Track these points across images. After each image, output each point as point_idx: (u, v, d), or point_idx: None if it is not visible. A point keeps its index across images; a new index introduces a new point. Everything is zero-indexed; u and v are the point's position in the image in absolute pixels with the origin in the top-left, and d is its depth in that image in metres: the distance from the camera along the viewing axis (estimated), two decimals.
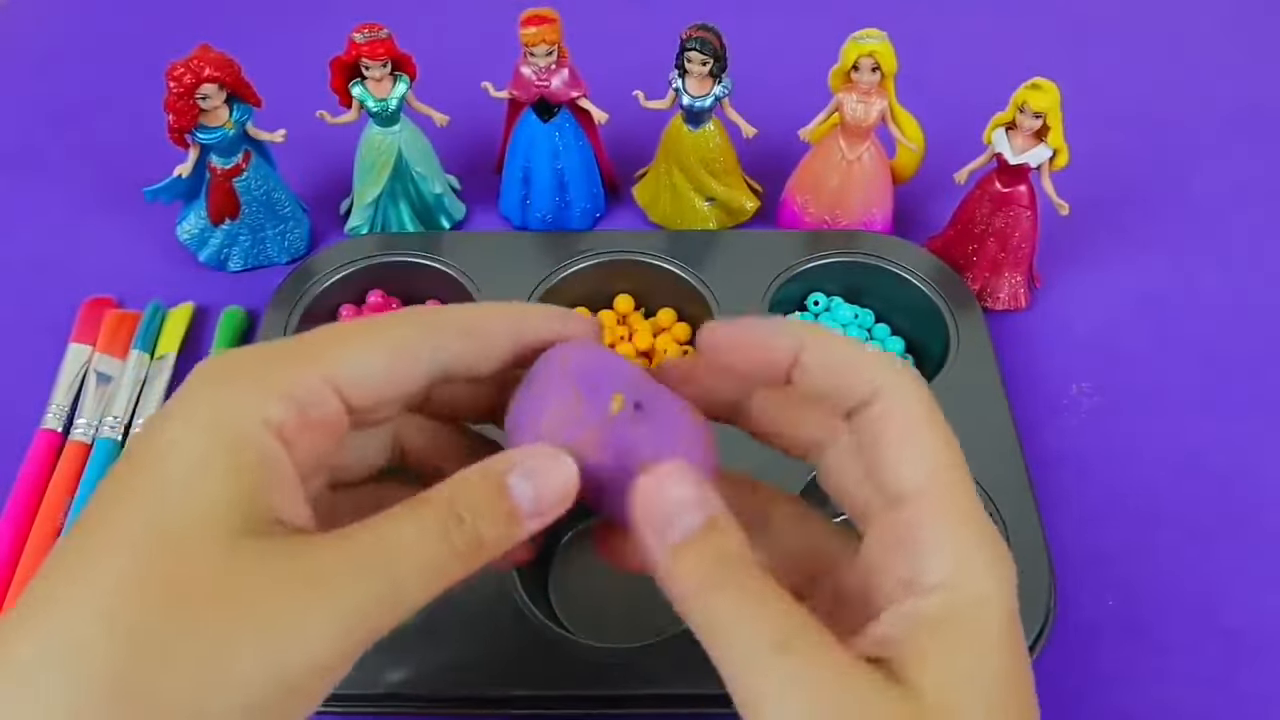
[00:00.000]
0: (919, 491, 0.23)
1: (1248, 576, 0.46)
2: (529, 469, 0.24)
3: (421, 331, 0.25)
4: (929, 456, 0.24)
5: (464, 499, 0.23)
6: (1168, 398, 0.53)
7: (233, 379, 0.23)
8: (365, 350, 0.24)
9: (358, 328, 0.25)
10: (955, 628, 0.22)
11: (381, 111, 0.54)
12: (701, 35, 0.52)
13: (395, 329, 0.25)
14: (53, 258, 0.59)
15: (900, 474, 0.24)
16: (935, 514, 0.23)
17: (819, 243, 0.55)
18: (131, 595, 0.20)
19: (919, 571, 0.23)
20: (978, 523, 0.23)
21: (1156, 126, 0.67)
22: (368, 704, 0.40)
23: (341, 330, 0.25)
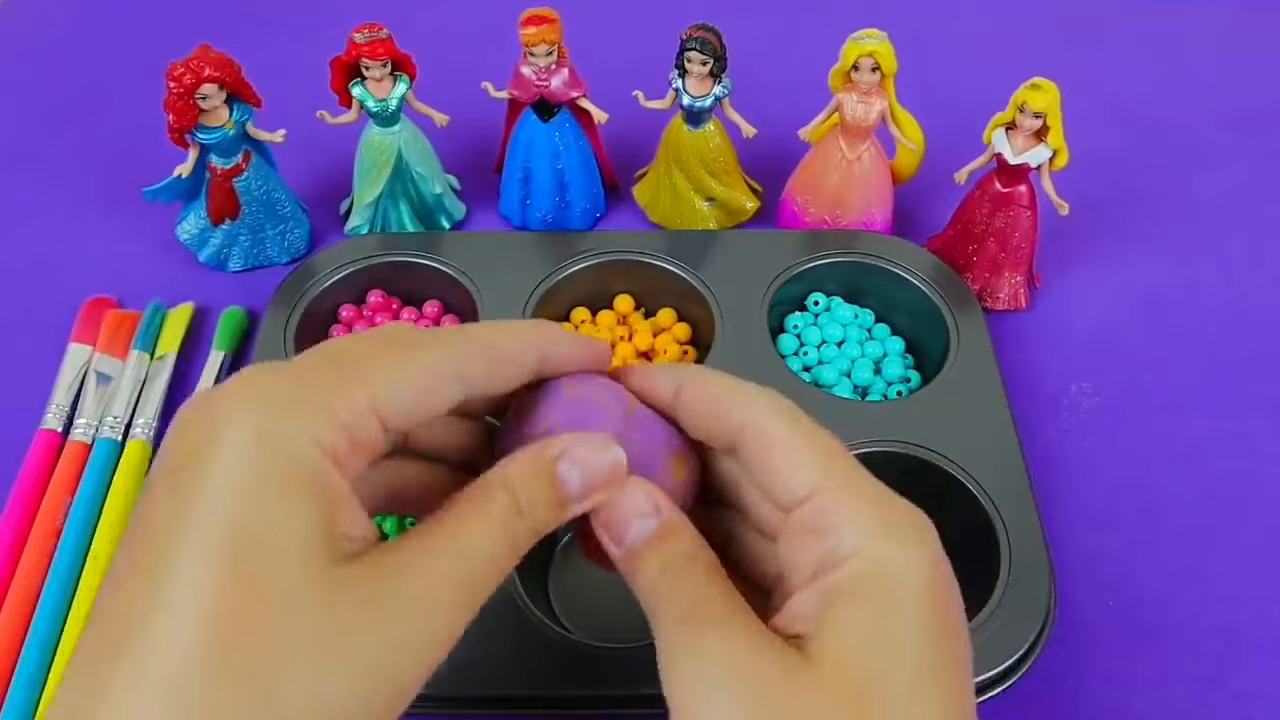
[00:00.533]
0: (815, 487, 0.25)
1: (1247, 576, 0.46)
2: (577, 457, 0.25)
3: (451, 354, 0.25)
4: (813, 459, 0.25)
5: (524, 494, 0.25)
6: (1168, 398, 0.53)
7: (285, 403, 0.22)
8: (402, 372, 0.24)
9: (391, 348, 0.25)
10: (866, 596, 0.23)
11: (381, 111, 0.54)
12: (701, 35, 0.52)
13: (428, 350, 0.25)
14: (53, 258, 0.59)
15: (790, 483, 0.25)
16: (835, 499, 0.24)
17: (819, 243, 0.55)
18: (230, 630, 0.20)
19: (827, 550, 0.24)
20: (881, 499, 0.25)
21: (1156, 126, 0.67)
22: None
23: (377, 350, 0.24)
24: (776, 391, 0.27)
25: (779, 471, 0.25)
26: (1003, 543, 0.43)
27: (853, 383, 0.52)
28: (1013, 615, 0.41)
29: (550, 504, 0.25)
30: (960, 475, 0.45)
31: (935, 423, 0.47)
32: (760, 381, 0.48)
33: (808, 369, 0.52)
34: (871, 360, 0.53)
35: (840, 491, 0.25)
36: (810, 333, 0.53)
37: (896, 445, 0.46)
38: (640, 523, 0.25)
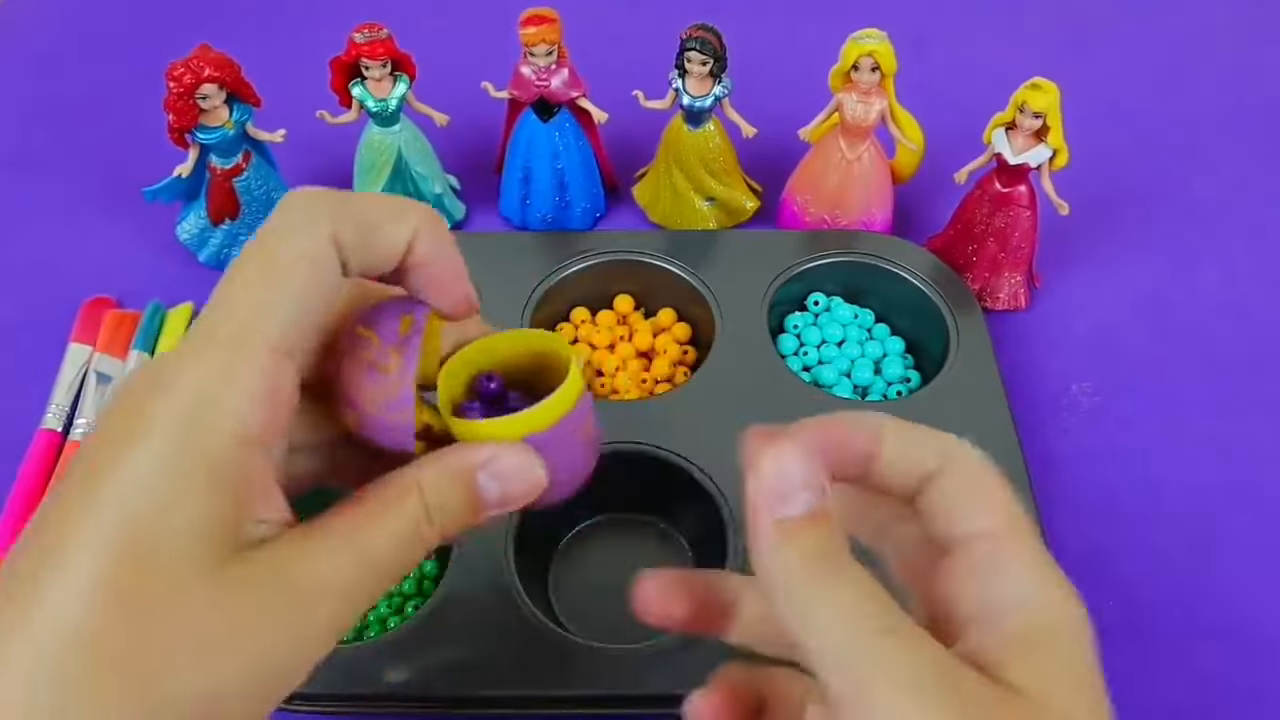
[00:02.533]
0: (996, 531, 0.24)
1: (1248, 576, 0.46)
2: (498, 471, 0.25)
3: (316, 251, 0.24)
4: (1002, 506, 0.25)
5: (435, 498, 0.24)
6: (1167, 398, 0.53)
7: (196, 393, 0.22)
8: (285, 301, 0.23)
9: (260, 278, 0.23)
10: (1047, 642, 0.23)
11: (381, 111, 0.54)
12: (701, 35, 0.52)
13: (293, 266, 0.23)
14: (53, 258, 0.59)
15: (975, 518, 0.25)
16: (1013, 549, 0.24)
17: (819, 243, 0.55)
18: (115, 619, 0.20)
19: (1001, 595, 0.24)
20: (1053, 566, 0.25)
21: (1156, 126, 0.67)
22: (368, 704, 0.40)
23: (251, 286, 0.23)
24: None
25: (969, 502, 0.25)
26: None
27: (853, 383, 0.52)
28: None
29: (464, 511, 0.24)
30: None
31: (935, 423, 0.46)
32: (760, 381, 0.49)
33: (808, 369, 0.52)
34: (871, 360, 0.53)
35: (1017, 543, 0.25)
36: (810, 333, 0.53)
37: None
38: (803, 495, 0.23)
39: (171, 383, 0.22)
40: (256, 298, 0.23)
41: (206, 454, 0.21)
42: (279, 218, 0.24)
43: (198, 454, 0.21)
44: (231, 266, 0.24)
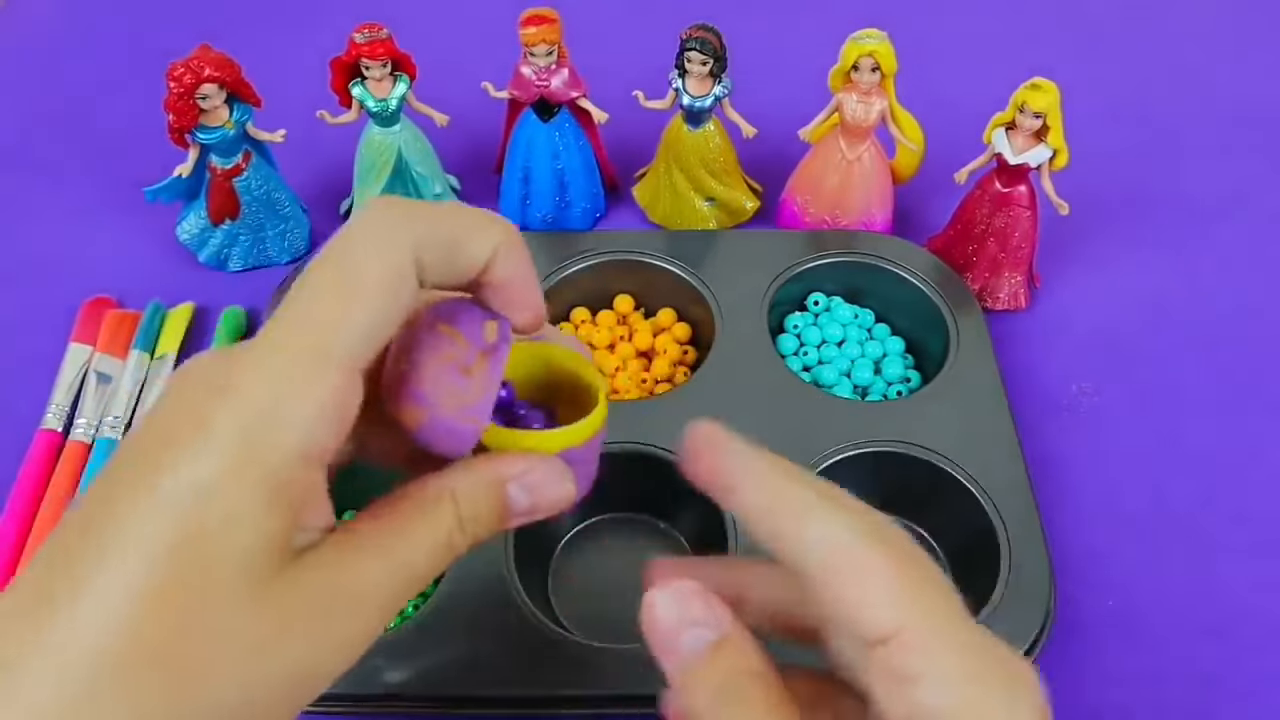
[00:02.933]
0: (899, 626, 0.22)
1: (1248, 576, 0.46)
2: (531, 483, 0.25)
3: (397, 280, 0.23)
4: (900, 592, 0.22)
5: (469, 509, 0.24)
6: (1168, 398, 0.53)
7: (263, 404, 0.21)
8: (362, 318, 0.22)
9: (338, 291, 0.23)
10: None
11: (381, 111, 0.54)
12: (701, 35, 0.52)
13: (374, 283, 0.23)
14: (53, 258, 0.59)
15: (870, 618, 0.22)
16: (923, 643, 0.22)
17: (819, 243, 0.55)
18: (159, 622, 0.20)
19: (916, 700, 0.22)
20: (973, 647, 0.22)
21: (1156, 126, 0.67)
22: (368, 704, 0.40)
23: (327, 298, 0.22)
24: (852, 497, 0.24)
25: (854, 604, 0.22)
26: (1003, 543, 0.43)
27: (853, 383, 0.52)
28: (1013, 615, 0.41)
29: (493, 520, 0.25)
30: (960, 475, 0.45)
31: (935, 423, 0.47)
32: (760, 381, 0.49)
33: (808, 369, 0.52)
34: (871, 360, 0.53)
35: (929, 636, 0.22)
36: (810, 333, 0.53)
37: (896, 445, 0.46)
38: (694, 632, 0.23)
39: (237, 389, 0.21)
40: (333, 311, 0.22)
41: (270, 470, 0.21)
42: (362, 228, 0.23)
43: (261, 469, 0.21)
44: (309, 271, 0.23)
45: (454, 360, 0.24)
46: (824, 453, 0.46)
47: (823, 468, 0.46)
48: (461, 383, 0.24)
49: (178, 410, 0.22)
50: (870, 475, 0.47)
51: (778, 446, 0.47)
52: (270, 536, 0.21)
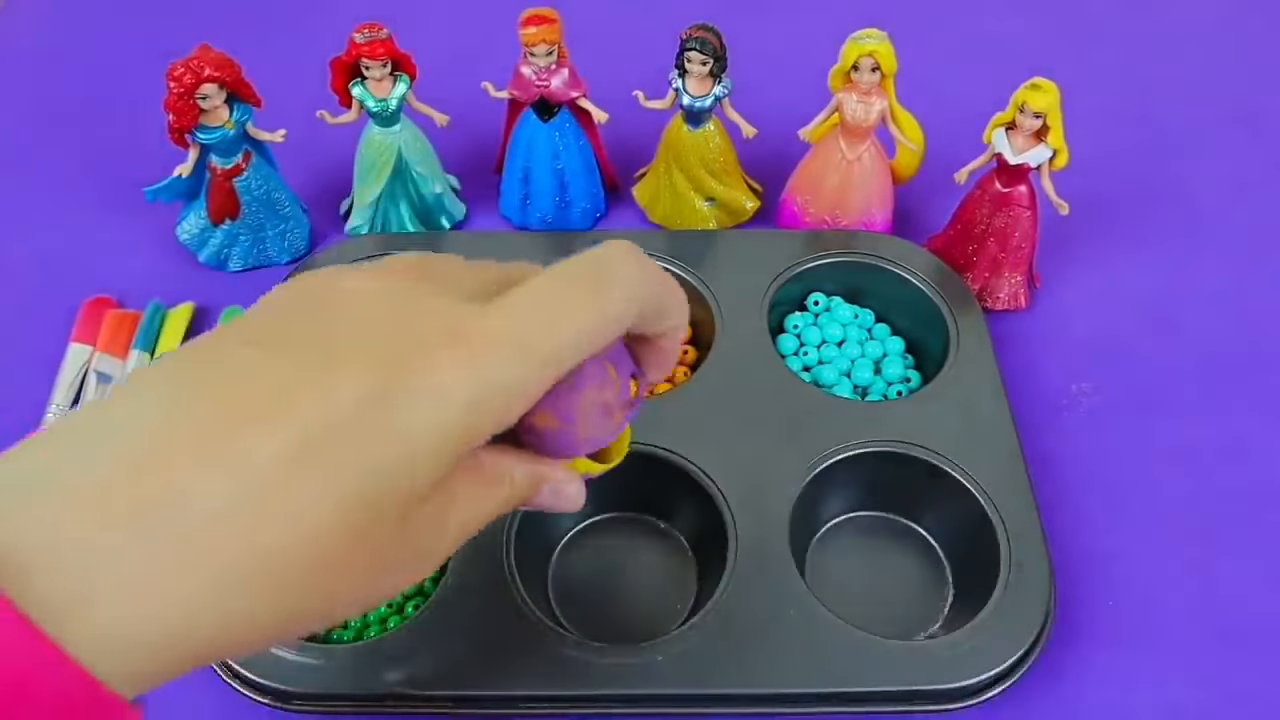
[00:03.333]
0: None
1: (1247, 576, 0.46)
2: (559, 491, 0.30)
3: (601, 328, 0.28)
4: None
5: (515, 493, 0.28)
6: (1168, 398, 0.53)
7: (492, 386, 0.24)
8: (591, 344, 0.26)
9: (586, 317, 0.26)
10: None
11: (381, 111, 0.54)
12: (701, 35, 0.52)
13: (612, 322, 0.27)
14: (53, 258, 0.59)
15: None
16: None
17: (819, 243, 0.55)
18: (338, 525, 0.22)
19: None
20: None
21: (1156, 126, 0.67)
22: (368, 704, 0.40)
23: (578, 319, 0.26)
24: None
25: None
26: (1003, 543, 0.43)
27: (853, 383, 0.52)
28: (1013, 615, 0.41)
29: (518, 504, 0.29)
30: (960, 475, 0.45)
31: (935, 423, 0.47)
32: (760, 381, 0.49)
33: (808, 369, 0.52)
34: (871, 360, 0.53)
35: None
36: (810, 333, 0.53)
37: (896, 445, 0.46)
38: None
39: (477, 360, 0.24)
40: (577, 333, 0.25)
41: (468, 440, 0.24)
42: (623, 265, 0.27)
43: (465, 437, 0.24)
44: (565, 280, 0.26)
45: (605, 400, 0.28)
46: (824, 453, 0.46)
47: (823, 468, 0.46)
48: (601, 420, 0.28)
49: (429, 344, 0.24)
50: (870, 475, 0.47)
51: (778, 446, 0.47)
52: (433, 484, 0.24)
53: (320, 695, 0.39)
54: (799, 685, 0.40)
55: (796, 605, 0.41)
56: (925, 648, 0.41)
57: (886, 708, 0.40)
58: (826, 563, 0.46)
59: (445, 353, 0.23)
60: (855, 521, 0.48)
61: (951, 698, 0.40)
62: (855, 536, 0.47)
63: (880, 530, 0.47)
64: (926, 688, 0.40)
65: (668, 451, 0.46)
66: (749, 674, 0.40)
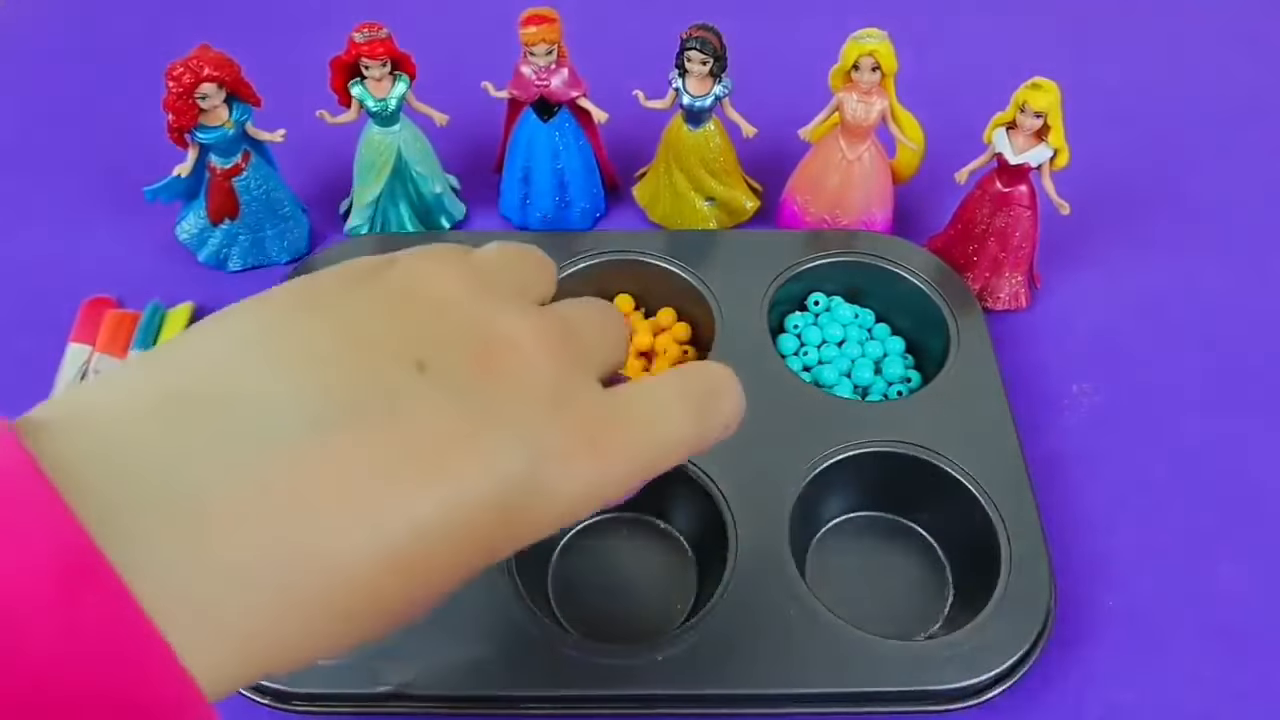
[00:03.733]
0: None
1: (1248, 576, 0.46)
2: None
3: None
4: None
5: None
6: (1168, 398, 0.53)
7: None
8: None
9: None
10: None
11: (381, 111, 0.54)
12: (701, 35, 0.52)
13: None
14: (53, 258, 0.59)
15: None
16: None
17: (819, 243, 0.55)
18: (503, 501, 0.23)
19: None
20: None
21: (1156, 126, 0.67)
22: (368, 704, 0.40)
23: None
24: None
25: None
26: (1003, 543, 0.43)
27: (853, 383, 0.52)
28: (1013, 615, 0.41)
29: None
30: (960, 475, 0.45)
31: (935, 423, 0.47)
32: (760, 381, 0.49)
33: (808, 369, 0.52)
34: (871, 360, 0.53)
35: None
36: (810, 333, 0.53)
37: (896, 445, 0.46)
38: None
39: (605, 471, 0.25)
40: (679, 457, 0.26)
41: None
42: (725, 406, 0.28)
43: (560, 527, 0.24)
44: (685, 405, 0.27)
45: None
46: (824, 453, 0.46)
47: (823, 468, 0.46)
48: None
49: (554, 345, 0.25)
50: (870, 475, 0.47)
51: (778, 446, 0.47)
52: None
53: (320, 695, 0.39)
54: (799, 685, 0.40)
55: (796, 605, 0.41)
56: (925, 648, 0.41)
57: (886, 708, 0.40)
58: (826, 563, 0.46)
59: (584, 460, 0.24)
60: (855, 521, 0.48)
61: (951, 698, 0.40)
62: (855, 536, 0.47)
63: (880, 530, 0.47)
64: (926, 688, 0.40)
65: None
66: (749, 674, 0.40)
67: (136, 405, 0.20)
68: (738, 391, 0.28)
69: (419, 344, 0.23)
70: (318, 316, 0.23)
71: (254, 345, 0.22)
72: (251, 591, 0.19)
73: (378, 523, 0.20)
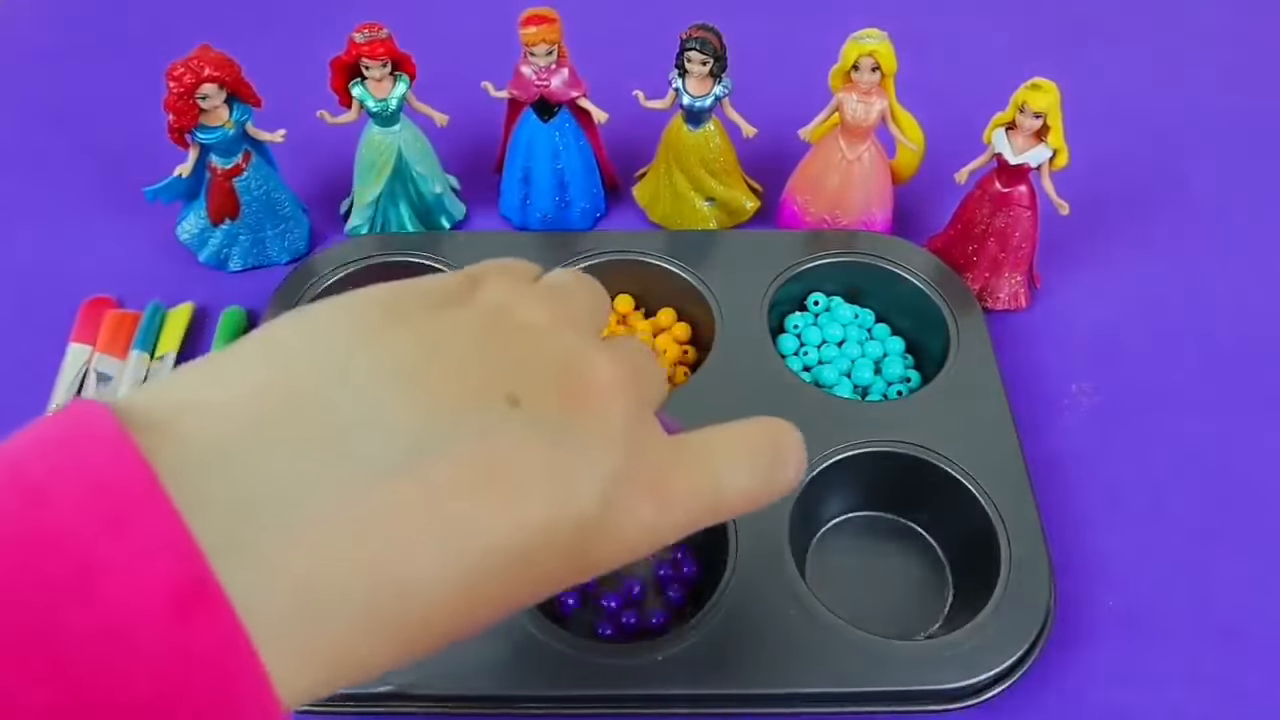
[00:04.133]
0: None
1: (1248, 576, 0.46)
2: None
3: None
4: None
5: None
6: (1168, 398, 0.53)
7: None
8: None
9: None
10: None
11: (381, 111, 0.54)
12: (701, 35, 0.52)
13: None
14: (53, 258, 0.59)
15: None
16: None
17: (819, 243, 0.55)
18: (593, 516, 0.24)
19: None
20: None
21: (1156, 126, 0.67)
22: (368, 704, 0.40)
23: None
24: None
25: None
26: (1003, 543, 0.43)
27: (853, 383, 0.52)
28: (1013, 615, 0.41)
29: None
30: (960, 475, 0.45)
31: (935, 423, 0.47)
32: (760, 381, 0.49)
33: (808, 369, 0.52)
34: (871, 360, 0.53)
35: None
36: (810, 333, 0.53)
37: (896, 445, 0.46)
38: None
39: (668, 512, 0.25)
40: (744, 508, 0.28)
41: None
42: (790, 459, 0.29)
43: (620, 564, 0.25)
44: (751, 454, 0.28)
45: None
46: (824, 453, 0.46)
47: (823, 468, 0.46)
48: None
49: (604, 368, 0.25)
50: (870, 475, 0.47)
51: None
52: None
53: None
54: (799, 685, 0.40)
55: (796, 605, 0.41)
56: (925, 648, 0.41)
57: (886, 708, 0.40)
58: (826, 563, 0.46)
59: (646, 504, 0.24)
60: (855, 521, 0.48)
61: (951, 698, 0.40)
62: (855, 536, 0.47)
63: (880, 530, 0.47)
64: (926, 688, 0.40)
65: None
66: (749, 674, 0.40)
67: (245, 412, 0.20)
68: (802, 454, 0.28)
69: (509, 376, 0.23)
70: (408, 333, 0.23)
71: (348, 355, 0.22)
72: (340, 615, 0.19)
73: (461, 550, 0.21)
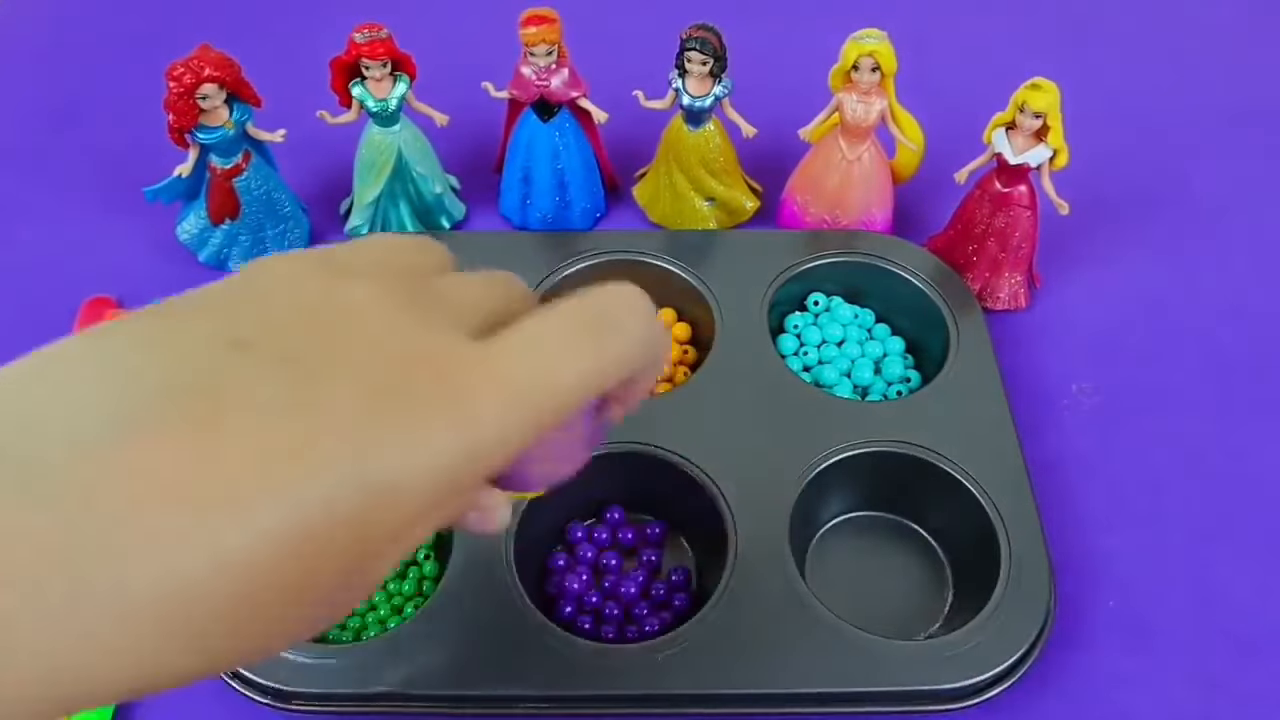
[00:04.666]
0: None
1: (1248, 576, 0.46)
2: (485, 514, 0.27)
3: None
4: None
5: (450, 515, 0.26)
6: (1168, 398, 0.53)
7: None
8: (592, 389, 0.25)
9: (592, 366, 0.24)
10: None
11: (381, 111, 0.54)
12: (701, 35, 0.52)
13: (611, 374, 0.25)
14: (53, 258, 0.59)
15: None
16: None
17: (819, 243, 0.55)
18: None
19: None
20: None
21: (1156, 126, 0.67)
22: (368, 704, 0.40)
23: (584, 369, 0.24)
24: None
25: None
26: (1003, 543, 0.43)
27: (853, 383, 0.52)
28: (1013, 615, 0.41)
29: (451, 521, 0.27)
30: (960, 475, 0.45)
31: (935, 423, 0.47)
32: (760, 381, 0.49)
33: (808, 369, 0.52)
34: (871, 360, 0.53)
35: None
36: (810, 333, 0.53)
37: (896, 445, 0.46)
38: None
39: (479, 415, 0.22)
40: (576, 389, 0.23)
41: (457, 494, 0.22)
42: (623, 317, 0.25)
43: (452, 491, 0.22)
44: (568, 326, 0.24)
45: (571, 439, 0.27)
46: (824, 453, 0.46)
47: (823, 468, 0.46)
48: (566, 458, 0.27)
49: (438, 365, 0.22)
50: (870, 475, 0.47)
51: (778, 446, 0.47)
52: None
53: (320, 695, 0.39)
54: (799, 685, 0.40)
55: (796, 605, 0.41)
56: (925, 648, 0.41)
57: (886, 708, 0.40)
58: (826, 563, 0.46)
59: (439, 429, 0.20)
60: (855, 521, 0.48)
61: (951, 698, 0.40)
62: (855, 536, 0.47)
63: (880, 530, 0.47)
64: (926, 688, 0.40)
65: (668, 451, 0.46)
66: (749, 674, 0.40)
67: None
68: (643, 308, 0.25)
69: (241, 325, 0.20)
70: (153, 318, 0.21)
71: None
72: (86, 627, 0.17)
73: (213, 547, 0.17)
